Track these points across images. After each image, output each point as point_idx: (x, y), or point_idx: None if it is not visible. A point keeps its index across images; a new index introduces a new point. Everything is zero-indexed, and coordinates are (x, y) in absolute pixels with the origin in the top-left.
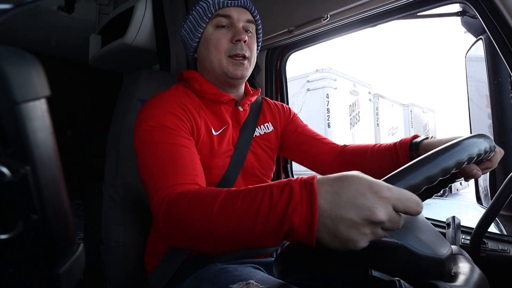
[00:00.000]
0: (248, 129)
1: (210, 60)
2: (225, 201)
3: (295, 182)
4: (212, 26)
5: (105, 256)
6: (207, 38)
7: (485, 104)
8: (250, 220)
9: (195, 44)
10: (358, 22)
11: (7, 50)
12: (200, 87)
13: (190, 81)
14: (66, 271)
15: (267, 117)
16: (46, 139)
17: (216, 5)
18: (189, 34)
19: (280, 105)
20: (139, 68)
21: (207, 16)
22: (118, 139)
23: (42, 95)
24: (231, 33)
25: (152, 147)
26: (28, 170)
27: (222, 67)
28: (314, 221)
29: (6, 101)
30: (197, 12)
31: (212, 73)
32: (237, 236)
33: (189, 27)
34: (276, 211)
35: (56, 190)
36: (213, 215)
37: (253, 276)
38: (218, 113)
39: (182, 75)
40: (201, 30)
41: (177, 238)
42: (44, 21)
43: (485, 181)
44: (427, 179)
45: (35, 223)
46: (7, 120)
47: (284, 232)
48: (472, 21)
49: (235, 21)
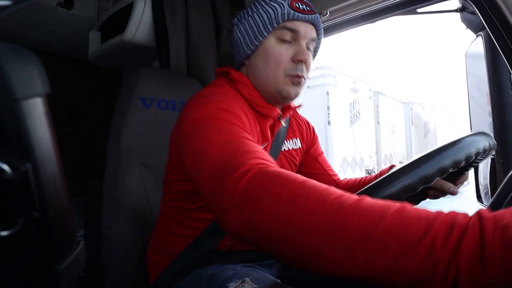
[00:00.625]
0: (278, 141)
1: (266, 74)
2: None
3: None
4: (275, 37)
5: (105, 253)
6: (266, 49)
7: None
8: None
9: (249, 51)
10: (357, 18)
11: (7, 47)
12: (250, 95)
13: (239, 85)
14: (66, 268)
15: (296, 132)
16: (46, 136)
17: (285, 15)
18: (244, 38)
19: (307, 123)
20: (139, 64)
21: (272, 25)
22: (118, 136)
23: (42, 92)
24: (294, 50)
25: (217, 123)
26: (28, 167)
27: (277, 85)
28: None
29: (6, 98)
30: (260, 17)
31: (263, 87)
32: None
33: (246, 30)
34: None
35: (56, 187)
36: (347, 211)
37: (249, 274)
38: (262, 127)
39: (228, 73)
40: (261, 39)
41: (266, 215)
42: (43, 17)
43: (485, 179)
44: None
45: (36, 220)
46: (7, 117)
47: None
48: (472, 17)
49: (301, 37)
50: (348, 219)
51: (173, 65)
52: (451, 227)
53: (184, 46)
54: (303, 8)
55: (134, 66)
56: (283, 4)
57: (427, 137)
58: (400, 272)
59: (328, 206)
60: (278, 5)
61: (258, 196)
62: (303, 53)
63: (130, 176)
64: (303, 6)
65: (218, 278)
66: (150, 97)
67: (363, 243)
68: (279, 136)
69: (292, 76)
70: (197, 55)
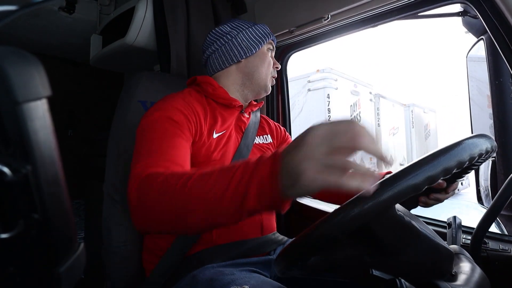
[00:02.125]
0: (250, 135)
1: (261, 72)
2: (204, 172)
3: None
4: (267, 47)
5: (106, 255)
6: (263, 54)
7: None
8: (224, 183)
9: (249, 54)
10: (359, 22)
11: (8, 50)
12: (214, 91)
13: (204, 85)
14: (67, 270)
15: (266, 129)
16: (47, 138)
17: (270, 35)
18: (249, 41)
19: (277, 125)
20: (140, 68)
21: (268, 37)
22: (118, 139)
23: (43, 95)
24: (273, 60)
25: (150, 132)
26: (29, 169)
27: (266, 81)
28: (276, 166)
29: (8, 101)
30: (257, 31)
31: (252, 80)
32: (209, 201)
33: (249, 36)
34: (248, 172)
35: (57, 189)
36: (192, 179)
37: (248, 280)
38: (224, 117)
39: (195, 79)
40: (261, 46)
41: (148, 208)
42: (45, 21)
43: (486, 181)
44: (428, 178)
45: (36, 222)
46: (8, 120)
47: (253, 194)
48: (473, 21)
49: (273, 51)
50: (189, 189)
51: (174, 69)
52: (241, 178)
53: (185, 50)
54: None
55: (135, 70)
56: (265, 27)
57: (428, 140)
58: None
59: (177, 192)
60: (264, 27)
61: (145, 192)
62: (276, 63)
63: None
64: None
65: (215, 283)
66: (150, 101)
67: (189, 210)
68: (249, 131)
69: (273, 76)
70: (197, 59)
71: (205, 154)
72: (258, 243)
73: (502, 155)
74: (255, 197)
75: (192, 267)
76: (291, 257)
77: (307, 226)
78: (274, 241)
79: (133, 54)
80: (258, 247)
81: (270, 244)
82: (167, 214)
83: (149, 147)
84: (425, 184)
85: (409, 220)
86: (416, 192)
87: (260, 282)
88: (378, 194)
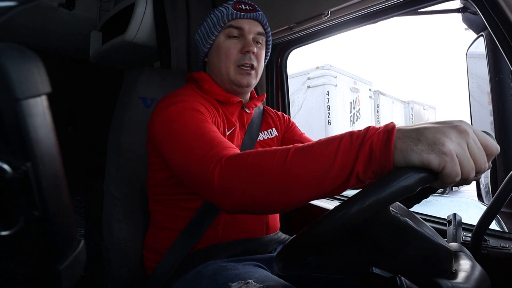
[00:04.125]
0: (253, 131)
1: (219, 67)
2: (300, 148)
3: None
4: (224, 35)
5: (106, 253)
6: (218, 46)
7: (487, 101)
8: (331, 153)
9: (206, 49)
10: (358, 18)
11: (8, 46)
12: (210, 87)
13: (200, 82)
14: (67, 268)
15: (271, 123)
16: (47, 135)
17: (230, 16)
18: (201, 39)
19: (281, 114)
20: (140, 65)
21: (220, 25)
22: (119, 136)
23: (43, 92)
24: (241, 44)
25: (185, 120)
26: (29, 166)
27: (229, 75)
28: (391, 136)
29: (7, 97)
30: (211, 20)
31: (220, 78)
32: (315, 174)
33: (202, 33)
34: (357, 142)
35: (57, 186)
36: (289, 156)
37: (252, 275)
38: (227, 114)
39: (191, 76)
40: (213, 38)
41: (241, 191)
42: (44, 17)
43: (486, 178)
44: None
45: (36, 220)
46: (8, 116)
47: (363, 159)
48: (473, 17)
49: (246, 33)
50: (291, 166)
51: (174, 65)
52: (350, 146)
53: (185, 46)
54: (246, 8)
55: (135, 66)
56: (228, 7)
57: None
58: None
59: (275, 163)
60: (224, 8)
61: (236, 169)
62: (248, 45)
63: (130, 175)
64: (246, 7)
65: (219, 277)
66: (150, 97)
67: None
68: (252, 128)
69: (241, 65)
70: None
71: None
72: (261, 242)
73: (502, 152)
74: (365, 164)
75: (196, 263)
76: (291, 255)
77: (307, 224)
78: (276, 240)
79: (133, 50)
80: (260, 246)
81: (273, 243)
82: (267, 193)
83: (197, 134)
84: (419, 185)
85: (405, 220)
86: (410, 193)
87: (263, 277)
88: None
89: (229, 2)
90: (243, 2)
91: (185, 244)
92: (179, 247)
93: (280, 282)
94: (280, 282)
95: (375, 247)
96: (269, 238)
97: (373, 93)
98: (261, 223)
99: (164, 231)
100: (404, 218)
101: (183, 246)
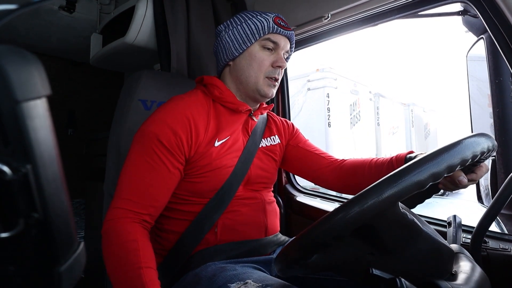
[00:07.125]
0: (256, 138)
1: (248, 74)
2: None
3: None
4: (260, 45)
5: None
6: (252, 54)
7: (487, 104)
8: None
9: (237, 53)
10: (359, 21)
11: (8, 49)
12: (221, 94)
13: (211, 87)
14: (67, 269)
15: (274, 130)
16: (47, 138)
17: (270, 28)
18: (233, 42)
19: (285, 121)
20: (140, 67)
21: (259, 35)
22: (118, 138)
23: (43, 94)
24: (274, 58)
25: (137, 157)
26: (29, 168)
27: (257, 85)
28: None
29: (7, 100)
30: (248, 27)
31: (243, 84)
32: None
33: (235, 37)
34: None
35: (57, 188)
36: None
37: (250, 275)
38: (229, 123)
39: (202, 79)
40: (249, 45)
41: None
42: (45, 20)
43: (486, 180)
44: (433, 175)
45: (36, 222)
46: (8, 119)
47: None
48: (473, 20)
49: (280, 48)
50: None
51: (174, 67)
52: None
53: (185, 49)
54: (283, 25)
55: (135, 69)
56: (268, 19)
57: (428, 139)
58: None
59: (122, 265)
60: (264, 20)
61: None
62: (281, 61)
63: None
64: (283, 23)
65: (218, 278)
66: (150, 99)
67: None
68: (256, 134)
69: (270, 78)
70: (197, 58)
71: (207, 162)
72: (260, 244)
73: (502, 154)
74: None
75: (194, 266)
76: (291, 256)
77: (307, 226)
78: (275, 242)
79: (133, 53)
80: (259, 248)
81: (272, 245)
82: (109, 268)
83: (131, 179)
84: (429, 181)
85: (412, 218)
86: (420, 189)
87: (262, 277)
88: (381, 191)
89: (268, 14)
90: (281, 19)
91: (186, 246)
92: (179, 249)
93: (279, 282)
94: (279, 282)
95: (380, 245)
96: (268, 240)
97: (373, 95)
98: (260, 225)
99: (165, 233)
100: (411, 216)
101: (183, 248)
